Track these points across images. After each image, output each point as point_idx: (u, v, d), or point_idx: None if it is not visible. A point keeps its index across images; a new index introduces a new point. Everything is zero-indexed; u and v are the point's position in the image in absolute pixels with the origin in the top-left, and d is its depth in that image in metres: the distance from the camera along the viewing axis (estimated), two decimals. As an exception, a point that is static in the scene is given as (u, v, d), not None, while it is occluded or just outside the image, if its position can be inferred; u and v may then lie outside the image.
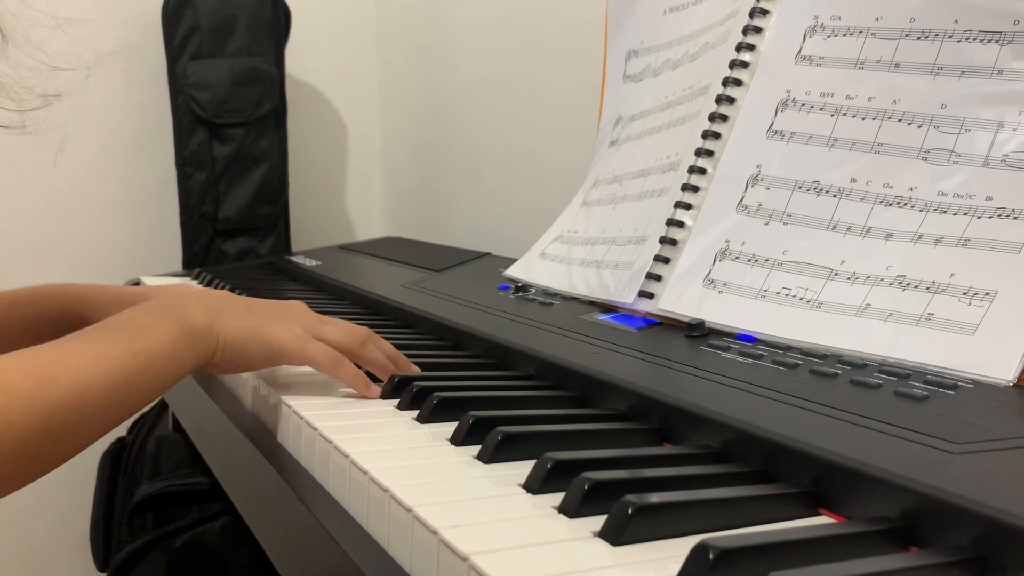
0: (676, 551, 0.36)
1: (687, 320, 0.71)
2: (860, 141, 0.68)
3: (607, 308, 0.81)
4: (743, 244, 0.72)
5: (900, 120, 0.67)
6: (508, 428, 0.49)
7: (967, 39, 0.64)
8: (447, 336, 0.82)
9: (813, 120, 0.72)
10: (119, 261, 1.64)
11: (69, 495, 1.57)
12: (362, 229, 1.92)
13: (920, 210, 0.63)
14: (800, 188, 0.70)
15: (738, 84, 0.78)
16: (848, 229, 0.66)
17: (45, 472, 0.48)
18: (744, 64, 0.78)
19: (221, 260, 1.60)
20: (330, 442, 0.52)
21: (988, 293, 0.57)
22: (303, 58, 1.77)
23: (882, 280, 0.63)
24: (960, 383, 0.54)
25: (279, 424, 0.62)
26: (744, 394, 0.54)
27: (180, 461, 1.29)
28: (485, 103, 1.52)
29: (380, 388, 0.63)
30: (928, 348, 0.58)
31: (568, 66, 1.28)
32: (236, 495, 0.68)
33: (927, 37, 0.66)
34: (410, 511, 0.41)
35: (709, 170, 0.78)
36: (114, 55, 1.63)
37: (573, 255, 0.92)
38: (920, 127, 0.65)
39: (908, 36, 0.68)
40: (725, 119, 0.78)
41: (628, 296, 0.78)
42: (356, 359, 0.65)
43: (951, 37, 0.65)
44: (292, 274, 1.34)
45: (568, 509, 0.41)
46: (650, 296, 0.76)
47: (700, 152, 0.78)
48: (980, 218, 0.60)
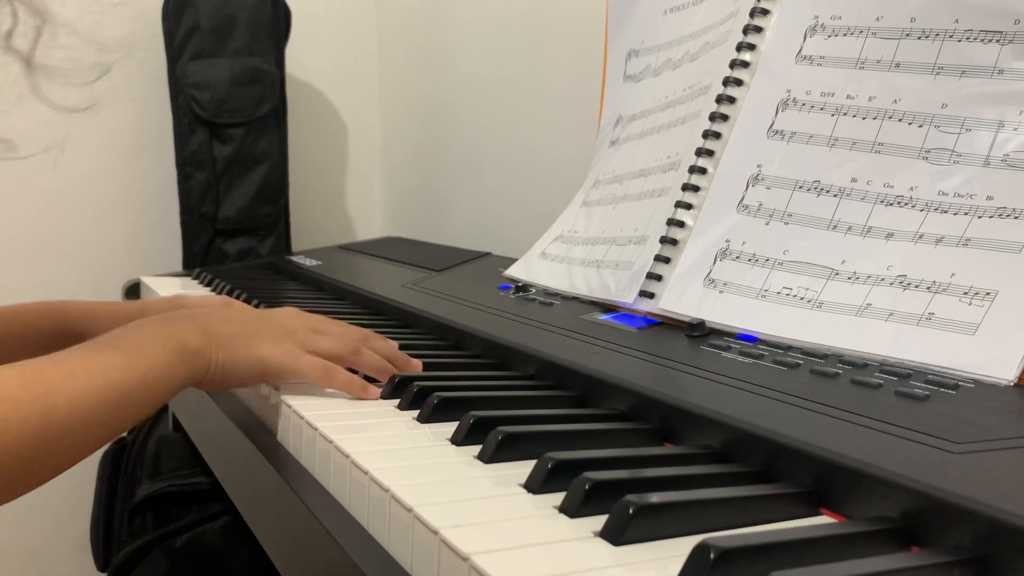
0: (677, 551, 0.36)
1: (688, 320, 0.71)
2: (861, 141, 0.68)
3: (608, 308, 0.81)
4: (744, 244, 0.72)
5: (901, 120, 0.67)
6: (509, 428, 0.49)
7: (968, 39, 0.64)
8: (447, 336, 0.82)
9: (814, 120, 0.72)
10: (119, 261, 1.64)
11: (69, 495, 1.57)
12: (362, 229, 1.92)
13: (921, 210, 0.63)
14: (801, 188, 0.70)
15: (739, 84, 0.78)
16: (849, 229, 0.66)
17: (39, 484, 0.49)
18: (745, 64, 0.78)
19: (221, 260, 1.60)
20: (331, 442, 0.52)
21: (989, 293, 0.57)
22: (303, 58, 1.77)
23: (883, 280, 0.63)
24: (961, 383, 0.54)
25: (279, 424, 0.62)
26: (745, 394, 0.54)
27: (180, 461, 1.29)
28: (485, 103, 1.52)
29: (379, 389, 0.63)
30: (929, 348, 0.58)
31: (568, 66, 1.28)
32: (236, 495, 0.68)
33: (928, 37, 0.66)
34: (411, 511, 0.41)
35: (710, 170, 0.78)
36: (114, 55, 1.62)
37: (573, 255, 0.92)
38: (921, 127, 0.65)
39: (909, 36, 0.68)
40: (726, 119, 0.78)
41: (629, 296, 0.78)
42: (352, 365, 0.65)
43: (952, 37, 0.65)
44: (292, 274, 1.34)
45: (569, 509, 0.41)
46: (651, 296, 0.76)
47: (700, 152, 0.78)
48: (981, 218, 0.60)
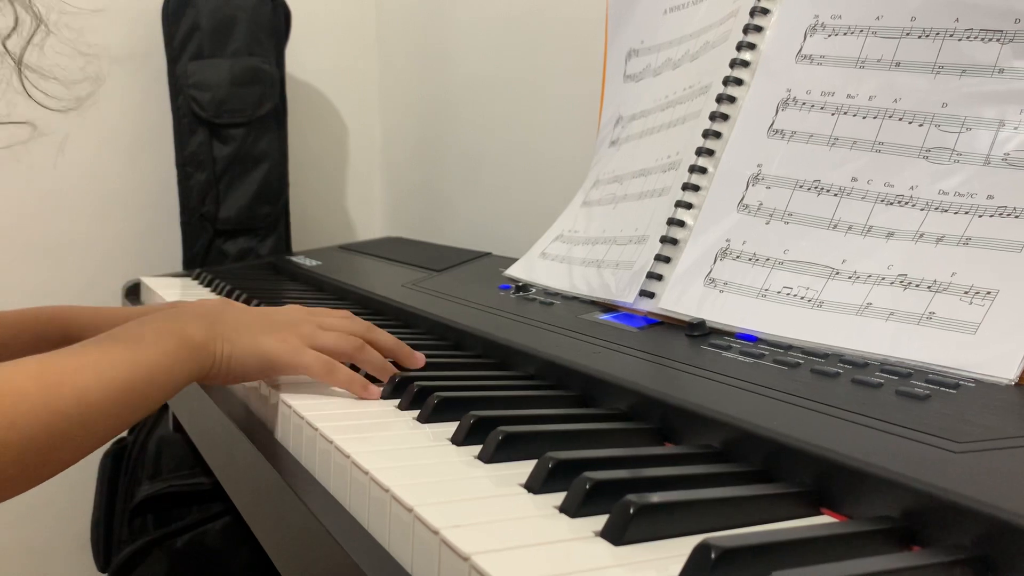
0: (678, 551, 0.36)
1: (688, 319, 0.71)
2: (861, 140, 0.68)
3: (608, 308, 0.81)
4: (744, 243, 0.72)
5: (901, 119, 0.66)
6: (509, 428, 0.49)
7: (968, 38, 0.64)
8: (448, 336, 0.82)
9: (814, 119, 0.72)
10: (119, 261, 1.64)
11: (70, 495, 1.57)
12: (362, 229, 1.92)
13: (921, 209, 0.63)
14: (801, 187, 0.70)
15: (739, 83, 0.78)
16: (849, 228, 0.66)
17: (45, 478, 0.49)
18: (745, 63, 0.78)
19: (221, 260, 1.60)
20: (331, 442, 0.52)
21: (989, 292, 0.57)
22: (303, 58, 1.77)
23: (883, 279, 0.63)
24: (962, 382, 0.54)
25: (280, 424, 0.62)
26: (745, 393, 0.54)
27: (181, 461, 1.29)
28: (485, 103, 1.52)
29: (379, 389, 0.63)
30: (929, 347, 0.58)
31: (568, 66, 1.28)
32: (237, 495, 0.68)
33: (928, 36, 0.66)
34: (411, 511, 0.41)
35: (710, 169, 0.78)
36: (113, 55, 1.62)
37: (574, 255, 0.92)
38: (921, 126, 0.65)
39: (909, 35, 0.68)
40: (726, 118, 0.78)
41: (629, 296, 0.78)
42: (354, 363, 0.65)
43: (952, 36, 0.65)
44: (293, 274, 1.34)
45: (569, 509, 0.41)
46: (651, 295, 0.76)
47: (701, 151, 0.78)
48: (981, 217, 0.60)
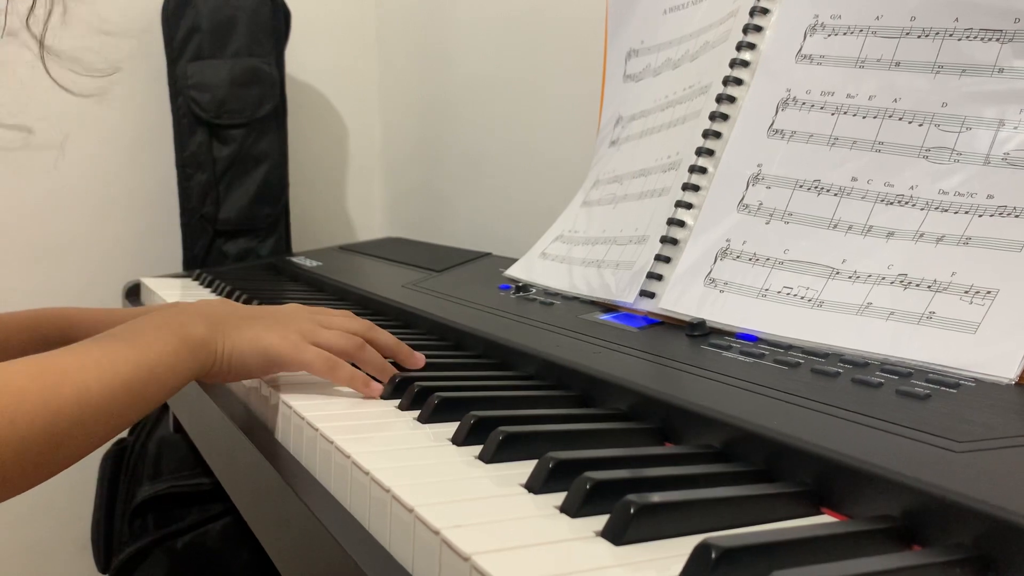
0: (678, 551, 0.36)
1: (688, 319, 0.71)
2: (861, 140, 0.68)
3: (608, 308, 0.81)
4: (744, 243, 0.72)
5: (901, 119, 0.66)
6: (509, 428, 0.49)
7: (968, 37, 0.64)
8: (448, 336, 0.82)
9: (814, 119, 0.72)
10: (119, 262, 1.64)
11: (70, 496, 1.57)
12: (363, 229, 1.92)
13: (921, 209, 0.63)
14: (801, 187, 0.70)
15: (739, 83, 0.78)
16: (849, 228, 0.66)
17: (46, 477, 0.49)
18: (744, 63, 0.78)
19: (222, 261, 1.60)
20: (331, 442, 0.52)
21: (989, 292, 0.57)
22: (303, 58, 1.77)
23: (883, 279, 0.63)
24: (962, 382, 0.54)
25: (280, 425, 0.62)
26: (746, 393, 0.54)
27: (181, 462, 1.29)
28: (485, 103, 1.52)
29: (381, 387, 0.63)
30: (930, 347, 0.58)
31: (568, 66, 1.28)
32: (237, 496, 0.68)
33: (927, 36, 0.66)
34: (412, 511, 0.41)
35: (710, 169, 0.78)
36: (113, 56, 1.62)
37: (574, 255, 0.92)
38: (921, 126, 0.65)
39: (908, 35, 0.68)
40: (726, 118, 0.78)
41: (629, 296, 0.78)
42: (355, 362, 0.65)
43: (952, 35, 0.65)
44: (293, 275, 1.34)
45: (570, 509, 0.41)
46: (651, 295, 0.76)
47: (701, 151, 0.78)
48: (981, 217, 0.60)
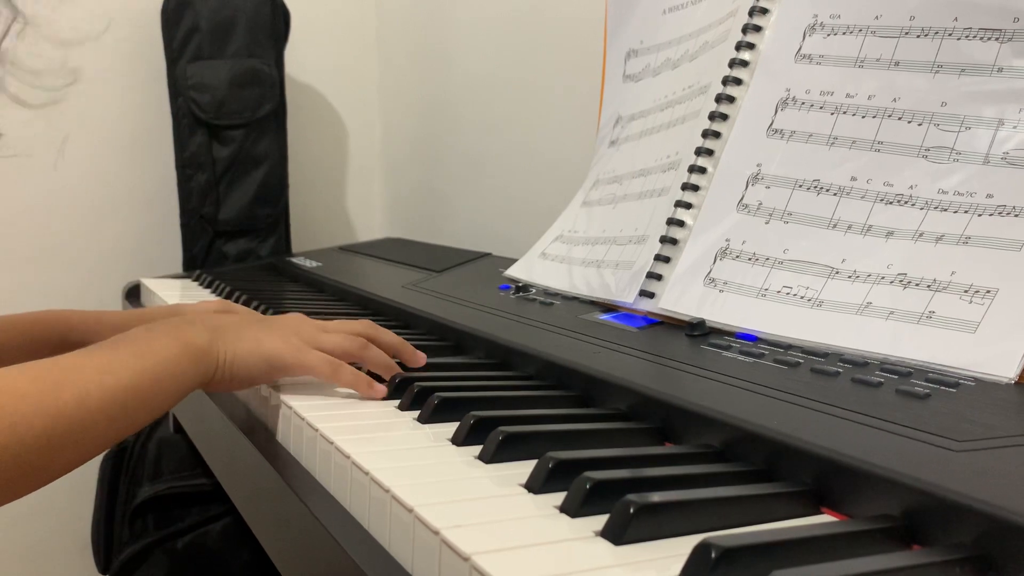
0: (678, 550, 0.36)
1: (688, 319, 0.71)
2: (860, 139, 0.68)
3: (608, 308, 0.81)
4: (744, 243, 0.72)
5: (900, 118, 0.67)
6: (509, 428, 0.49)
7: (967, 37, 0.64)
8: (448, 337, 0.82)
9: (813, 119, 0.72)
10: (119, 263, 1.64)
11: (71, 496, 1.57)
12: (362, 230, 1.92)
13: (921, 208, 0.63)
14: (800, 187, 0.70)
15: (738, 83, 0.78)
16: (849, 228, 0.66)
17: (46, 481, 0.49)
18: (744, 63, 0.78)
19: (221, 262, 1.60)
20: (331, 443, 0.52)
21: (989, 291, 0.57)
22: (303, 59, 1.77)
23: (883, 278, 0.63)
24: (962, 381, 0.54)
25: (280, 425, 0.62)
26: (745, 393, 0.54)
27: (181, 462, 1.29)
28: (485, 103, 1.52)
29: (385, 388, 0.63)
30: (929, 346, 0.58)
31: (568, 66, 1.28)
32: (237, 496, 0.68)
33: (927, 35, 0.66)
34: (411, 511, 0.41)
35: (709, 169, 0.78)
36: (113, 56, 1.63)
37: (574, 255, 0.92)
38: (920, 125, 0.65)
39: (908, 34, 0.68)
40: (725, 118, 0.78)
41: (629, 296, 0.78)
42: (358, 362, 0.65)
43: (951, 35, 0.65)
44: (293, 275, 1.34)
45: (570, 509, 0.41)
46: (651, 295, 0.76)
47: (700, 151, 0.78)
48: (981, 216, 0.60)
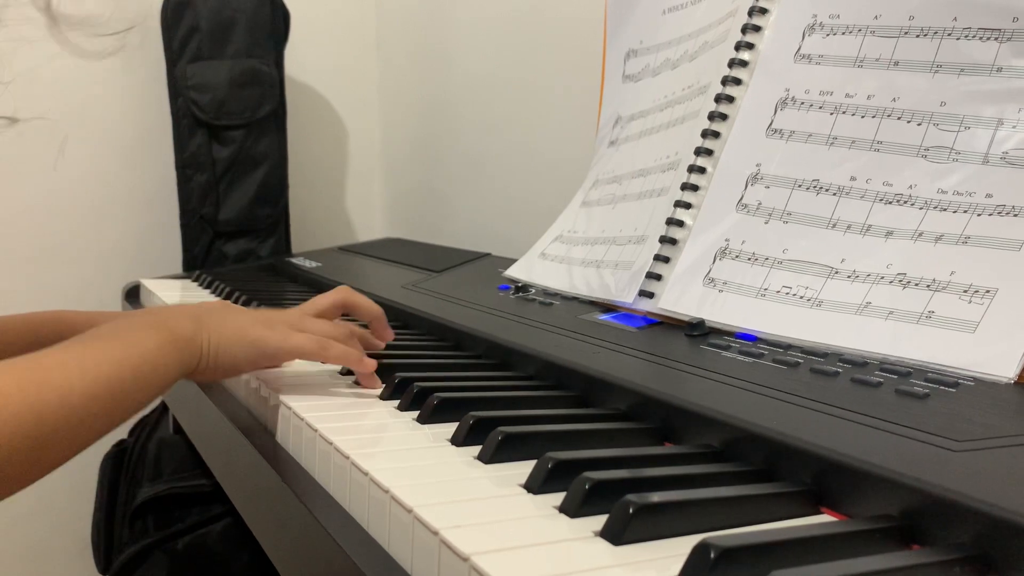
0: (677, 550, 0.36)
1: (687, 319, 0.71)
2: (859, 139, 0.68)
3: (607, 308, 0.81)
4: (743, 243, 0.72)
5: (899, 118, 0.67)
6: (509, 428, 0.49)
7: (966, 37, 0.64)
8: (447, 337, 0.82)
9: (812, 119, 0.72)
10: (119, 263, 1.64)
11: (70, 497, 1.57)
12: (362, 230, 1.92)
13: (920, 208, 0.63)
14: (800, 187, 0.70)
15: (737, 83, 0.78)
16: (848, 227, 0.66)
17: (35, 479, 0.48)
18: (743, 63, 0.78)
19: (221, 262, 1.60)
20: (330, 443, 0.52)
21: (988, 291, 0.57)
22: (303, 59, 1.77)
23: (882, 278, 0.63)
24: (961, 381, 0.54)
25: (279, 426, 0.62)
26: (745, 393, 0.54)
27: (181, 463, 1.29)
28: (485, 103, 1.52)
29: (375, 363, 0.64)
30: (929, 346, 0.58)
31: (568, 66, 1.28)
32: (237, 497, 0.68)
33: (926, 35, 0.66)
34: (411, 512, 0.41)
35: (709, 169, 0.78)
36: (113, 57, 1.63)
37: (573, 255, 0.92)
38: (920, 125, 0.65)
39: (907, 34, 0.68)
40: (724, 118, 0.78)
41: (628, 296, 0.78)
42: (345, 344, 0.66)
43: (950, 35, 0.65)
44: (292, 276, 1.34)
45: (569, 509, 0.41)
46: (650, 295, 0.76)
47: (700, 151, 0.78)
48: (980, 216, 0.60)
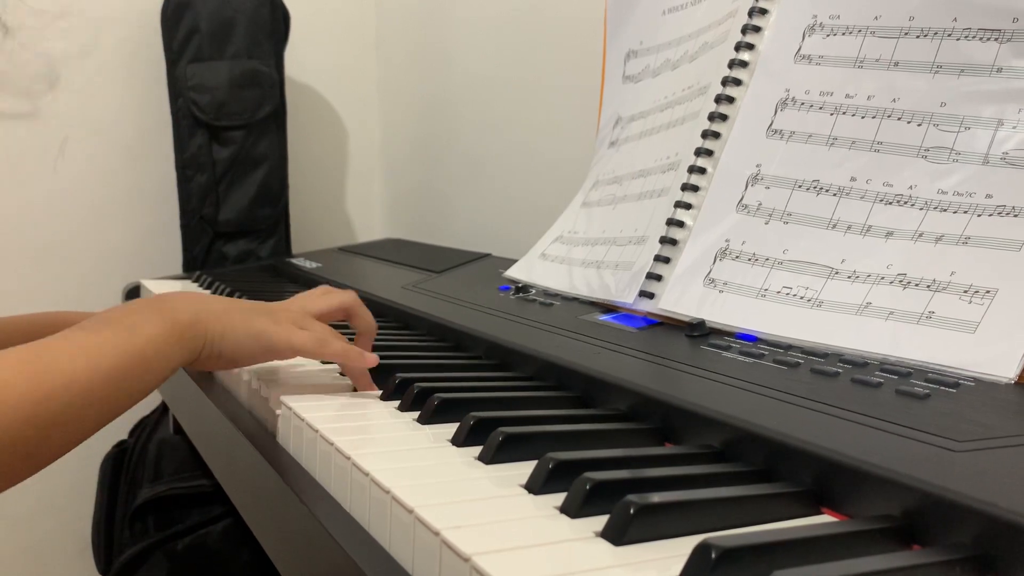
0: (678, 551, 0.36)
1: (688, 320, 0.71)
2: (860, 140, 0.68)
3: (608, 308, 0.81)
4: (743, 243, 0.72)
5: (900, 119, 0.67)
6: (509, 429, 0.49)
7: (966, 37, 0.64)
8: (448, 337, 0.82)
9: (812, 119, 0.72)
10: (119, 264, 1.64)
11: (71, 498, 1.57)
12: (362, 230, 1.92)
13: (920, 208, 0.63)
14: (800, 187, 0.70)
15: (737, 84, 0.78)
16: (848, 228, 0.66)
17: (39, 467, 0.48)
18: (743, 63, 0.78)
19: (221, 263, 1.60)
20: (331, 444, 0.52)
21: (989, 291, 0.57)
22: (303, 59, 1.77)
23: (883, 279, 0.63)
24: (961, 381, 0.54)
25: (280, 426, 0.62)
26: (745, 393, 0.54)
27: (181, 464, 1.29)
28: (485, 103, 1.52)
29: (376, 357, 0.64)
30: (929, 346, 0.58)
31: (568, 66, 1.28)
32: (237, 497, 0.68)
33: (926, 35, 0.66)
34: (412, 512, 0.41)
35: (709, 170, 0.78)
36: (113, 58, 1.63)
37: (573, 255, 0.92)
38: (920, 125, 0.65)
39: (907, 35, 0.68)
40: (724, 119, 0.78)
41: (629, 296, 0.78)
42: (351, 316, 0.69)
43: (950, 35, 0.65)
44: (293, 276, 1.34)
45: (570, 509, 0.41)
46: (651, 296, 0.76)
47: (700, 152, 0.78)
48: (980, 216, 0.60)
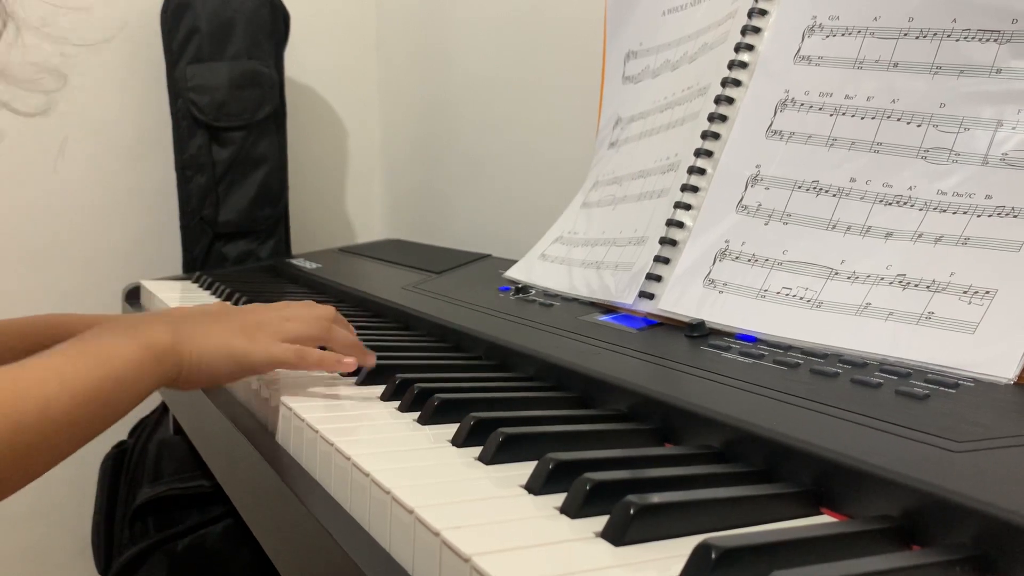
0: (678, 551, 0.36)
1: (687, 320, 0.72)
2: (859, 141, 0.68)
3: (607, 309, 0.81)
4: (743, 244, 0.72)
5: (899, 119, 0.67)
6: (509, 429, 0.50)
7: (966, 38, 0.64)
8: (448, 338, 0.82)
9: (812, 120, 0.72)
10: (119, 265, 1.64)
11: (71, 498, 1.57)
12: (362, 231, 1.92)
13: (920, 209, 0.63)
14: (800, 188, 0.71)
15: (737, 84, 0.78)
16: (848, 228, 0.66)
17: (15, 489, 0.48)
18: (743, 64, 0.78)
19: (221, 263, 1.60)
20: (331, 444, 0.52)
21: (988, 291, 0.57)
22: (303, 60, 1.77)
23: (882, 279, 0.63)
24: (961, 382, 0.54)
25: (280, 426, 0.62)
26: (745, 394, 0.54)
27: (181, 464, 1.29)
28: (485, 103, 1.52)
29: (354, 360, 0.65)
30: (929, 347, 0.58)
31: (568, 66, 1.28)
32: (237, 498, 0.68)
33: (926, 36, 0.67)
34: (412, 512, 0.41)
35: (708, 170, 0.78)
36: (113, 58, 1.63)
37: (573, 256, 0.92)
38: (919, 126, 0.65)
39: (907, 35, 0.68)
40: (724, 119, 0.78)
41: (628, 297, 0.78)
42: (324, 344, 0.67)
43: (950, 36, 0.65)
44: (293, 277, 1.34)
45: (570, 510, 0.41)
46: (650, 297, 0.76)
47: (699, 152, 0.78)
48: (980, 217, 0.60)
